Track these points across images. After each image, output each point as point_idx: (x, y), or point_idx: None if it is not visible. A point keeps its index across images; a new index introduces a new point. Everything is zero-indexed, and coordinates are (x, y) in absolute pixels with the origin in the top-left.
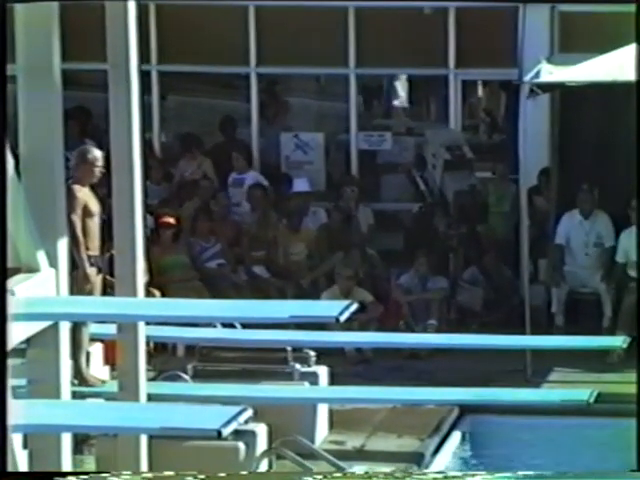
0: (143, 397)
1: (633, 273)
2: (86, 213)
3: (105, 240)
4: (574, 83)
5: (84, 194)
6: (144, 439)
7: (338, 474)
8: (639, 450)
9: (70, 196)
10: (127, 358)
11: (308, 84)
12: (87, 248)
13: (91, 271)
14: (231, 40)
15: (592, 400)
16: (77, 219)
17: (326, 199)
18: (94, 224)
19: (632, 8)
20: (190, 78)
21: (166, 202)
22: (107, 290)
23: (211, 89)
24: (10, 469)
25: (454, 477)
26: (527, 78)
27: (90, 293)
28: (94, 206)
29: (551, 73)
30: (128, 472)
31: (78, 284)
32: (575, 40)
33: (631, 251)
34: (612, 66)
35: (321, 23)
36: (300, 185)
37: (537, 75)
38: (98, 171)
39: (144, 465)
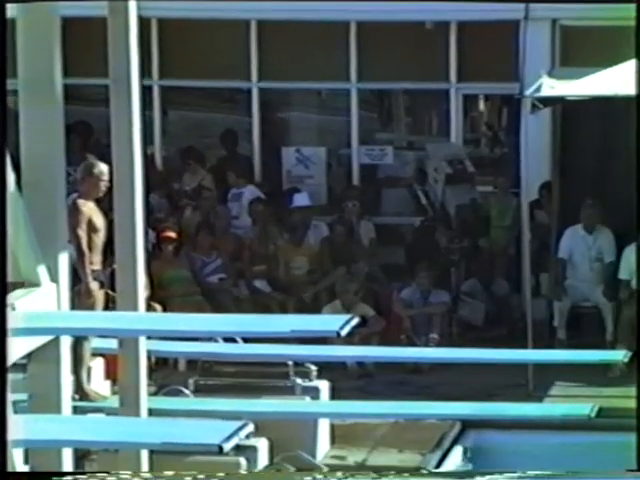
0: (144, 412)
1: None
2: (91, 228)
3: (108, 255)
4: (575, 97)
5: (89, 208)
6: (145, 454)
7: (339, 473)
8: (639, 451)
9: (75, 210)
10: (128, 373)
11: (309, 99)
12: (91, 262)
13: (94, 285)
14: (233, 55)
15: (594, 414)
16: (82, 233)
17: (328, 213)
18: (99, 239)
19: (632, 9)
20: (192, 93)
21: (169, 215)
22: (109, 305)
23: (213, 104)
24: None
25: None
26: (528, 92)
27: (92, 308)
28: (99, 221)
29: (552, 87)
30: (127, 472)
31: (81, 299)
32: (576, 54)
33: (635, 267)
34: (613, 80)
35: (322, 38)
36: (301, 200)
37: (538, 89)
38: (104, 185)
39: None
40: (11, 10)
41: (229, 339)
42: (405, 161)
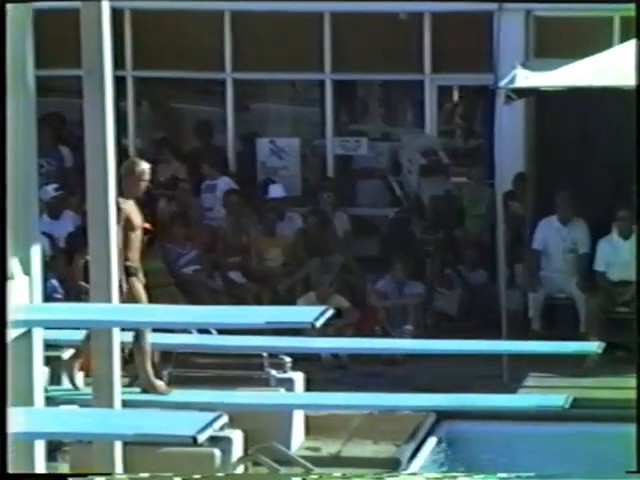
0: (118, 403)
1: (614, 278)
2: (129, 226)
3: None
4: (549, 88)
5: (128, 206)
6: (119, 445)
7: (314, 475)
8: (639, 452)
9: (115, 208)
10: (101, 364)
11: (284, 89)
12: (128, 259)
13: (131, 281)
14: (207, 46)
15: (568, 405)
16: (119, 230)
17: (302, 205)
18: (136, 237)
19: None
20: (166, 84)
21: (142, 208)
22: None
23: (187, 95)
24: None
25: (435, 479)
26: (502, 83)
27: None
28: (137, 219)
29: (526, 78)
30: (122, 474)
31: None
32: (550, 45)
33: (611, 258)
34: (587, 71)
35: (297, 28)
36: (276, 191)
37: (512, 80)
38: (144, 185)
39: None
40: None
41: (203, 330)
42: (379, 152)
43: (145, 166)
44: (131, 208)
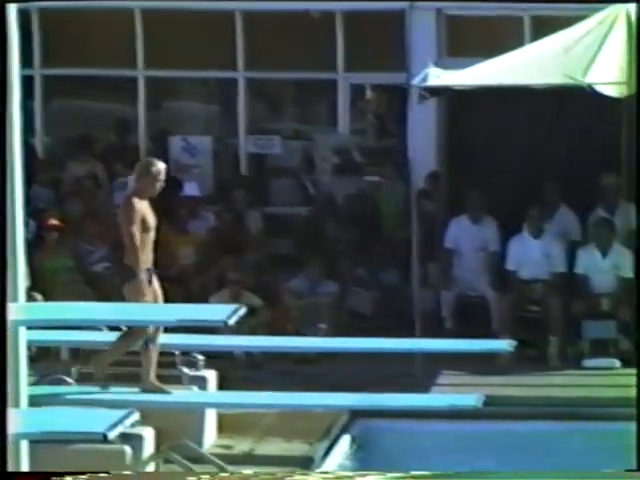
0: (24, 402)
1: (525, 276)
2: (143, 227)
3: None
4: (460, 87)
5: (143, 206)
6: (25, 445)
7: (225, 474)
8: (639, 451)
9: (129, 208)
10: (7, 363)
11: (196, 87)
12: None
13: (144, 282)
14: (118, 43)
15: (479, 404)
16: (136, 231)
17: (215, 202)
18: (149, 238)
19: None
20: (76, 82)
21: (53, 205)
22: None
23: (98, 92)
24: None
25: (345, 477)
26: (414, 82)
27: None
28: (151, 220)
29: (438, 77)
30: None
31: (133, 295)
32: (462, 44)
33: (521, 257)
34: (498, 70)
35: (209, 26)
36: (190, 189)
37: (424, 79)
38: (159, 185)
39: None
40: None
41: (114, 328)
42: (292, 151)
43: (161, 166)
44: (146, 209)
